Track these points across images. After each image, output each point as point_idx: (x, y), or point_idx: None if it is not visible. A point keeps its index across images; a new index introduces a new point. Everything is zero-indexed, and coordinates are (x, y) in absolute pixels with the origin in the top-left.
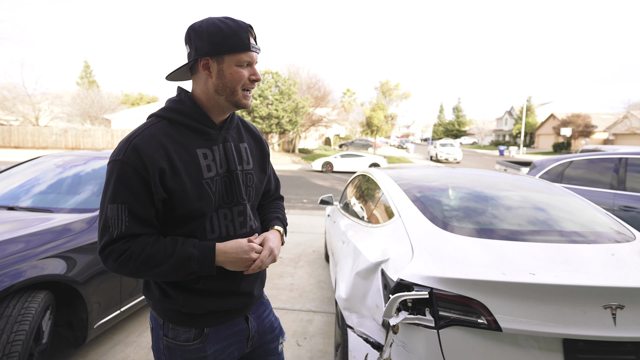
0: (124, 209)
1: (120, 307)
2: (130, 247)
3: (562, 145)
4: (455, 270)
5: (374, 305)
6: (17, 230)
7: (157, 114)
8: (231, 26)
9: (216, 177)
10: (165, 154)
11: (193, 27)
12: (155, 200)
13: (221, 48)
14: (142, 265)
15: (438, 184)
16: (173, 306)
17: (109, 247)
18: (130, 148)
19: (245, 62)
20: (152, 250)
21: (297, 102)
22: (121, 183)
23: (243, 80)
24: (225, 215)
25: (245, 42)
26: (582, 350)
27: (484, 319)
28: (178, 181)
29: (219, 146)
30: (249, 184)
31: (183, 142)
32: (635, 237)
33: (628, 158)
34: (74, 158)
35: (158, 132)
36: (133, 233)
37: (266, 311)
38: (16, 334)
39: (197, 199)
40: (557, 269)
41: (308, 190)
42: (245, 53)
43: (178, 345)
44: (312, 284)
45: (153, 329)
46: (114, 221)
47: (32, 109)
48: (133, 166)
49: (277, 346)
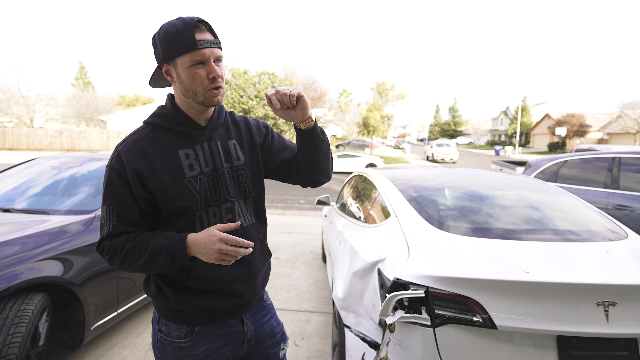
0: (112, 209)
1: (117, 309)
2: (114, 243)
3: (557, 144)
4: (450, 269)
5: (370, 304)
6: (13, 233)
7: (146, 121)
8: (177, 26)
9: (201, 175)
10: (143, 157)
11: (154, 35)
12: (138, 200)
13: (170, 52)
14: (126, 258)
15: (434, 184)
16: (166, 302)
17: (102, 244)
18: (116, 155)
19: (197, 61)
20: (132, 245)
21: None
22: (109, 186)
23: (202, 81)
24: (214, 213)
25: (190, 40)
26: (576, 347)
27: (480, 317)
28: (157, 181)
29: (203, 145)
30: (241, 180)
31: (165, 144)
32: (627, 235)
33: (622, 157)
34: (70, 160)
35: (140, 138)
36: (119, 231)
37: (267, 315)
38: (12, 336)
39: (180, 197)
40: (551, 267)
41: (305, 191)
42: (194, 52)
43: (169, 341)
44: (309, 284)
45: (153, 323)
46: (105, 221)
47: (26, 111)
48: (117, 170)
49: (278, 352)
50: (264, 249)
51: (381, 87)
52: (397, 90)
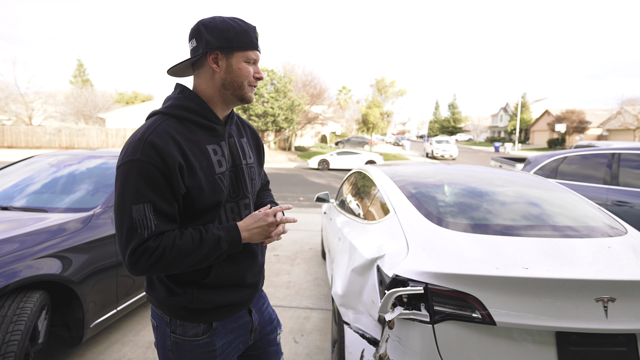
0: (149, 207)
1: (117, 306)
2: (161, 242)
3: (556, 141)
4: (450, 265)
5: (369, 301)
6: (12, 230)
7: (162, 112)
8: (242, 25)
9: (226, 172)
10: (180, 151)
11: (203, 23)
12: (177, 195)
13: (233, 44)
14: (177, 256)
15: (433, 181)
16: (181, 303)
17: (140, 248)
18: (147, 146)
19: (252, 60)
20: (182, 241)
21: (293, 100)
22: (144, 182)
23: (249, 76)
24: (232, 209)
25: (254, 40)
26: (575, 343)
27: (479, 313)
28: (194, 178)
29: (227, 141)
30: (252, 178)
31: (194, 139)
32: (627, 231)
33: (621, 153)
34: (68, 157)
35: (170, 129)
36: (163, 230)
37: (265, 303)
38: (12, 334)
39: (211, 193)
40: (550, 263)
41: (304, 188)
42: (253, 51)
43: (187, 340)
44: (308, 281)
45: (157, 326)
46: (142, 221)
47: (25, 108)
48: (154, 164)
49: (276, 337)
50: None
51: (380, 83)
52: (396, 87)
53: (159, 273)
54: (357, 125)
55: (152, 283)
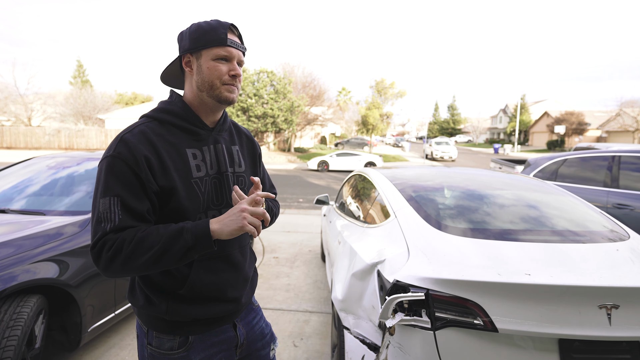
0: (116, 201)
1: (115, 310)
2: (120, 235)
3: (556, 142)
4: (451, 271)
5: (370, 306)
6: (9, 234)
7: (148, 115)
8: (211, 24)
9: (206, 177)
10: (153, 149)
11: (181, 31)
12: (148, 191)
13: (198, 43)
14: (136, 248)
15: (434, 184)
16: (157, 313)
17: (101, 241)
18: (121, 143)
19: (222, 57)
20: (143, 234)
21: (293, 101)
22: (112, 176)
23: (221, 75)
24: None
25: (221, 36)
26: (578, 350)
27: (480, 319)
28: (167, 177)
29: (210, 147)
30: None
31: (173, 141)
32: (629, 236)
33: (621, 156)
34: (67, 159)
35: (148, 131)
36: (126, 226)
37: (256, 318)
38: (8, 339)
39: (186, 197)
40: (552, 269)
41: (304, 190)
42: (221, 47)
43: (162, 354)
44: (308, 284)
45: (138, 337)
46: (107, 214)
47: (24, 109)
48: (123, 159)
49: (269, 352)
50: (252, 254)
51: (380, 85)
52: (396, 88)
53: (125, 271)
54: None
55: (133, 289)
